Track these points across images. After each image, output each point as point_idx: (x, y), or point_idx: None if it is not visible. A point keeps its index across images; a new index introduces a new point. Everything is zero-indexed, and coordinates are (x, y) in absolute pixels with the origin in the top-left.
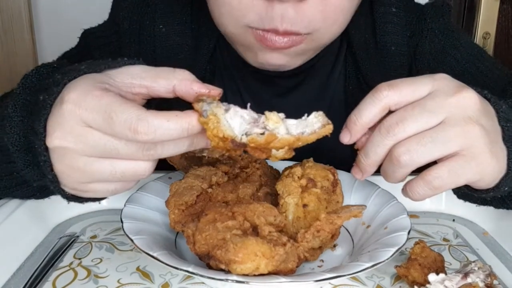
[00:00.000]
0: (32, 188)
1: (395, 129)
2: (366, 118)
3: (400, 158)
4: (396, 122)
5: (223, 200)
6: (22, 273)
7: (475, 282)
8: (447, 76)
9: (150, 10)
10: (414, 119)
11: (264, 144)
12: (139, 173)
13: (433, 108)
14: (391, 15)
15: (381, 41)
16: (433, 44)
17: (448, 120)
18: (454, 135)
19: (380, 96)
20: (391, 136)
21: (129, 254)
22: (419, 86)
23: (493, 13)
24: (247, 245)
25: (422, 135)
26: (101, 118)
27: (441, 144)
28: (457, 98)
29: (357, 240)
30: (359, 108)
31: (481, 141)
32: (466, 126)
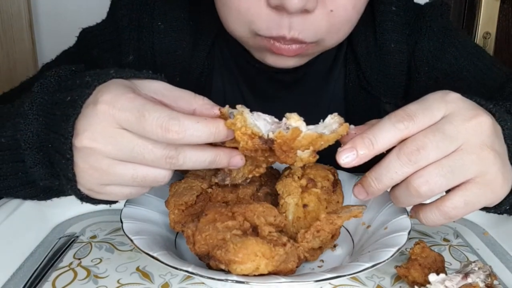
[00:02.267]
0: (36, 189)
1: (417, 156)
2: (383, 145)
3: (419, 189)
4: (417, 148)
5: (223, 200)
6: (21, 273)
7: (475, 282)
8: (459, 97)
9: (149, 8)
10: (436, 145)
11: (290, 138)
12: (159, 180)
13: (453, 134)
14: (391, 14)
15: (380, 38)
16: (431, 43)
17: (465, 146)
18: (471, 163)
19: (400, 127)
20: (412, 164)
21: (129, 254)
22: (434, 112)
23: (494, 13)
24: (247, 245)
25: (441, 165)
26: (134, 117)
27: (459, 174)
28: (474, 123)
29: (357, 240)
30: (376, 133)
31: (495, 167)
32: (481, 153)
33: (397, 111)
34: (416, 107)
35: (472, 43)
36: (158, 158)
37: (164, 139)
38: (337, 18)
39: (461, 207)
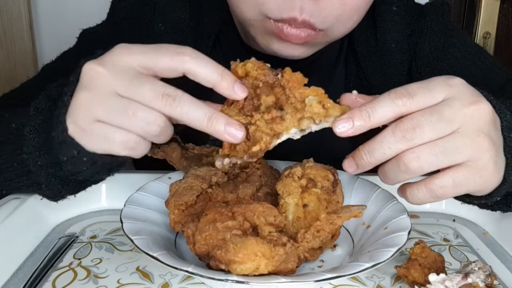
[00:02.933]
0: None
1: (412, 134)
2: (379, 119)
3: (409, 164)
4: (413, 127)
5: (223, 200)
6: (21, 273)
7: (475, 282)
8: (463, 83)
9: (149, 9)
10: (432, 126)
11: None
12: (149, 120)
13: (450, 117)
14: (391, 14)
15: (381, 38)
16: (433, 43)
17: (461, 130)
18: (464, 146)
19: (398, 103)
20: (406, 141)
21: (129, 254)
22: (435, 94)
23: (494, 13)
24: (247, 245)
25: (435, 144)
26: (151, 49)
27: (451, 155)
28: (473, 108)
29: (357, 240)
30: (374, 106)
31: (488, 154)
32: (477, 138)
33: (398, 88)
34: (417, 86)
35: (473, 43)
36: (156, 93)
37: (176, 61)
38: (348, 6)
39: (449, 187)
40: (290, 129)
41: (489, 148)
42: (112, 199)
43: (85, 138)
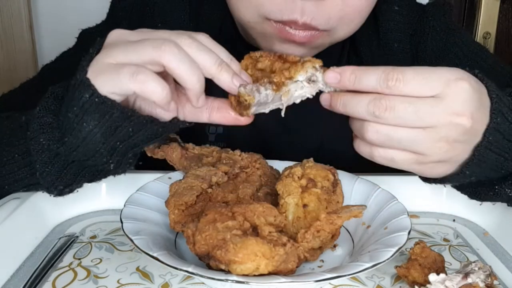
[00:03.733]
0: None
1: (381, 112)
2: (362, 88)
3: (367, 133)
4: (386, 107)
5: (223, 200)
6: (21, 273)
7: (475, 282)
8: (466, 89)
9: (149, 10)
10: (403, 115)
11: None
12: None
13: (425, 116)
14: (393, 13)
15: (384, 38)
16: (434, 42)
17: (428, 130)
18: (422, 144)
19: (387, 84)
20: (374, 116)
21: (129, 254)
22: (427, 90)
23: (494, 13)
24: (247, 245)
25: (395, 130)
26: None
27: (405, 144)
28: (451, 120)
29: (357, 240)
30: (363, 75)
31: (440, 157)
32: (438, 143)
33: (394, 70)
34: (414, 75)
35: (475, 43)
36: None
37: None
38: (350, 7)
39: (386, 159)
40: (298, 73)
41: (445, 153)
42: (112, 199)
43: (100, 77)
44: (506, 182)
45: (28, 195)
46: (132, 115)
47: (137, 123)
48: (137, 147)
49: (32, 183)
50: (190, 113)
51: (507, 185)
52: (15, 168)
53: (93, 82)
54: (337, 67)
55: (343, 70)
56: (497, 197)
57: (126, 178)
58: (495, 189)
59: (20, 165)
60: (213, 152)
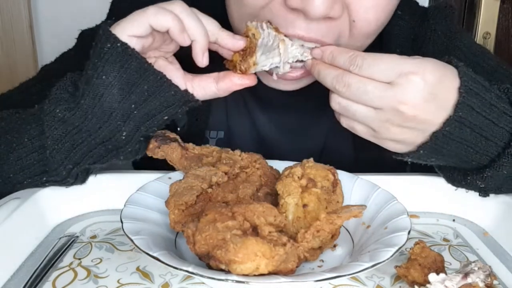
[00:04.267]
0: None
1: (340, 87)
2: (333, 63)
3: (330, 102)
4: (344, 83)
5: (223, 200)
6: (22, 273)
7: (475, 282)
8: (416, 81)
9: None
10: (355, 93)
11: None
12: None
13: (373, 98)
14: (396, 18)
15: (386, 44)
16: (436, 46)
17: (377, 111)
18: (372, 120)
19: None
20: (334, 88)
21: (129, 254)
22: (380, 76)
23: (494, 12)
24: (247, 245)
25: (351, 105)
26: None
27: (360, 119)
28: (394, 107)
29: (357, 240)
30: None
31: (392, 137)
32: (385, 124)
33: (359, 55)
34: (370, 64)
35: (477, 45)
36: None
37: None
38: (357, 30)
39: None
40: None
41: (394, 134)
42: (112, 199)
43: (121, 23)
44: (478, 175)
45: (28, 195)
46: (148, 69)
47: (152, 81)
48: (150, 119)
49: (37, 172)
50: (199, 87)
51: (478, 178)
52: (23, 154)
53: (114, 31)
54: (325, 46)
55: (326, 49)
56: (468, 186)
57: (126, 178)
58: (468, 179)
59: (29, 150)
60: (213, 152)
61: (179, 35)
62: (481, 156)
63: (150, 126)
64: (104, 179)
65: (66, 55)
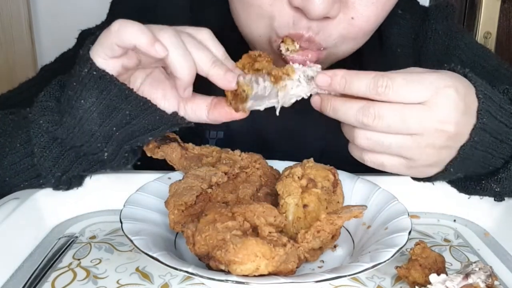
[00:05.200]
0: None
1: (370, 121)
2: (352, 93)
3: (356, 139)
4: (374, 115)
5: (223, 200)
6: (21, 274)
7: (476, 282)
8: (453, 97)
9: (149, 12)
10: (390, 124)
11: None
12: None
13: (412, 124)
14: (396, 17)
15: (386, 42)
16: (437, 46)
17: (415, 136)
18: (410, 149)
19: (377, 90)
20: (362, 125)
21: (129, 255)
22: (416, 97)
23: (494, 12)
24: (247, 246)
25: (385, 137)
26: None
27: (394, 150)
28: (437, 128)
29: (358, 241)
30: (354, 80)
31: (428, 161)
32: (425, 149)
33: (384, 76)
34: (402, 84)
35: (478, 45)
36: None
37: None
38: (356, 27)
39: (376, 164)
40: (293, 73)
41: (433, 158)
42: (111, 199)
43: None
44: (493, 178)
45: (27, 195)
46: (129, 95)
47: (134, 106)
48: (134, 139)
49: (32, 176)
50: (191, 111)
51: (493, 181)
52: (16, 159)
53: (91, 54)
54: (329, 70)
55: (334, 74)
56: (483, 192)
57: (126, 178)
58: (482, 184)
59: (22, 155)
60: (213, 152)
61: (149, 49)
62: (496, 159)
63: (135, 144)
64: (103, 179)
65: (65, 55)
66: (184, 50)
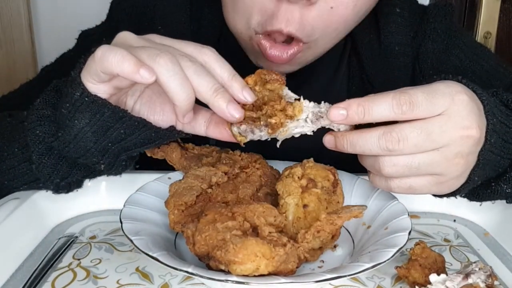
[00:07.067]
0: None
1: (395, 145)
2: (373, 119)
3: (383, 169)
4: (398, 139)
5: (223, 200)
6: (21, 274)
7: (476, 282)
8: (467, 101)
9: (149, 12)
10: (416, 143)
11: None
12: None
13: (437, 138)
14: (395, 15)
15: (385, 41)
16: (436, 45)
17: (442, 149)
18: (439, 164)
19: (398, 111)
20: (387, 150)
21: (129, 255)
22: (437, 109)
23: (494, 12)
24: (247, 246)
25: (413, 158)
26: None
27: (424, 169)
28: (462, 134)
29: (358, 241)
30: (372, 106)
31: (457, 172)
32: (454, 160)
33: (403, 93)
34: (423, 97)
35: (477, 44)
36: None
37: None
38: (335, 16)
39: (404, 188)
40: (301, 113)
41: (461, 169)
42: (111, 199)
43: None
44: (502, 178)
45: (27, 195)
46: (124, 116)
47: (129, 125)
48: (130, 151)
49: (31, 180)
50: (189, 126)
51: (503, 181)
52: (15, 163)
53: (83, 80)
54: (341, 103)
55: (349, 105)
56: (495, 195)
57: (126, 178)
58: (492, 186)
59: (20, 159)
60: (213, 152)
61: (133, 77)
62: (505, 161)
63: (131, 154)
64: (103, 179)
65: (66, 56)
66: (182, 78)
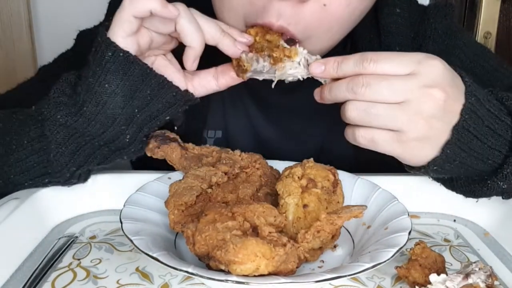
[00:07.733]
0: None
1: (359, 89)
2: (345, 72)
3: (347, 112)
4: (362, 83)
5: (223, 200)
6: (21, 274)
7: (476, 282)
8: (440, 66)
9: None
10: (377, 91)
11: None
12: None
13: (398, 89)
14: (395, 16)
15: (385, 41)
16: (436, 45)
17: (404, 104)
18: (398, 119)
19: (363, 64)
20: (352, 93)
21: (129, 255)
22: (400, 68)
23: (494, 12)
24: (247, 246)
25: (373, 105)
26: None
27: (383, 120)
28: (425, 92)
29: (358, 241)
30: (343, 61)
31: (418, 133)
32: (413, 117)
33: (370, 52)
34: (387, 56)
35: (478, 44)
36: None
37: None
38: (328, 15)
39: (367, 139)
40: (297, 56)
41: (422, 128)
42: (111, 199)
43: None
44: (498, 175)
45: (27, 195)
46: (150, 74)
47: (154, 85)
48: (153, 120)
49: (38, 174)
50: (199, 86)
51: (499, 178)
52: (23, 156)
53: (112, 39)
54: (320, 60)
55: (327, 61)
56: (491, 191)
57: (126, 178)
58: (488, 183)
59: (28, 152)
60: (213, 152)
61: (163, 11)
62: (494, 152)
63: (153, 126)
64: (103, 179)
65: (64, 56)
66: (196, 23)
